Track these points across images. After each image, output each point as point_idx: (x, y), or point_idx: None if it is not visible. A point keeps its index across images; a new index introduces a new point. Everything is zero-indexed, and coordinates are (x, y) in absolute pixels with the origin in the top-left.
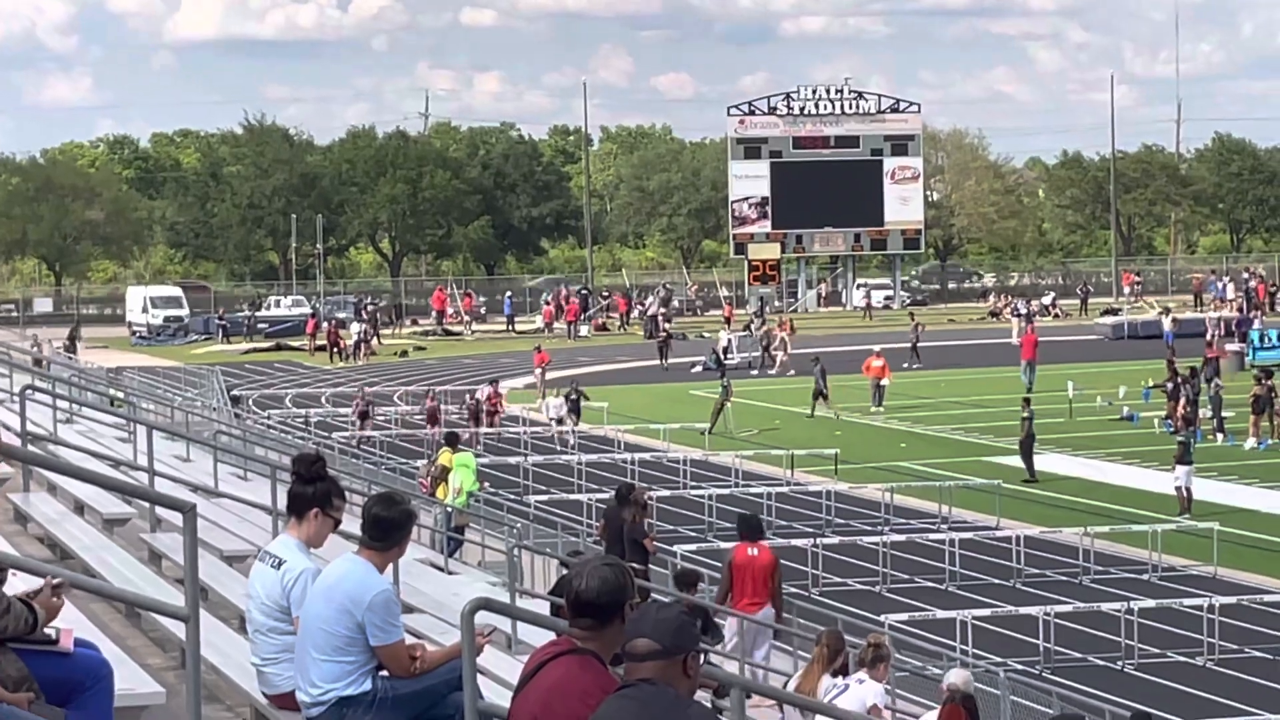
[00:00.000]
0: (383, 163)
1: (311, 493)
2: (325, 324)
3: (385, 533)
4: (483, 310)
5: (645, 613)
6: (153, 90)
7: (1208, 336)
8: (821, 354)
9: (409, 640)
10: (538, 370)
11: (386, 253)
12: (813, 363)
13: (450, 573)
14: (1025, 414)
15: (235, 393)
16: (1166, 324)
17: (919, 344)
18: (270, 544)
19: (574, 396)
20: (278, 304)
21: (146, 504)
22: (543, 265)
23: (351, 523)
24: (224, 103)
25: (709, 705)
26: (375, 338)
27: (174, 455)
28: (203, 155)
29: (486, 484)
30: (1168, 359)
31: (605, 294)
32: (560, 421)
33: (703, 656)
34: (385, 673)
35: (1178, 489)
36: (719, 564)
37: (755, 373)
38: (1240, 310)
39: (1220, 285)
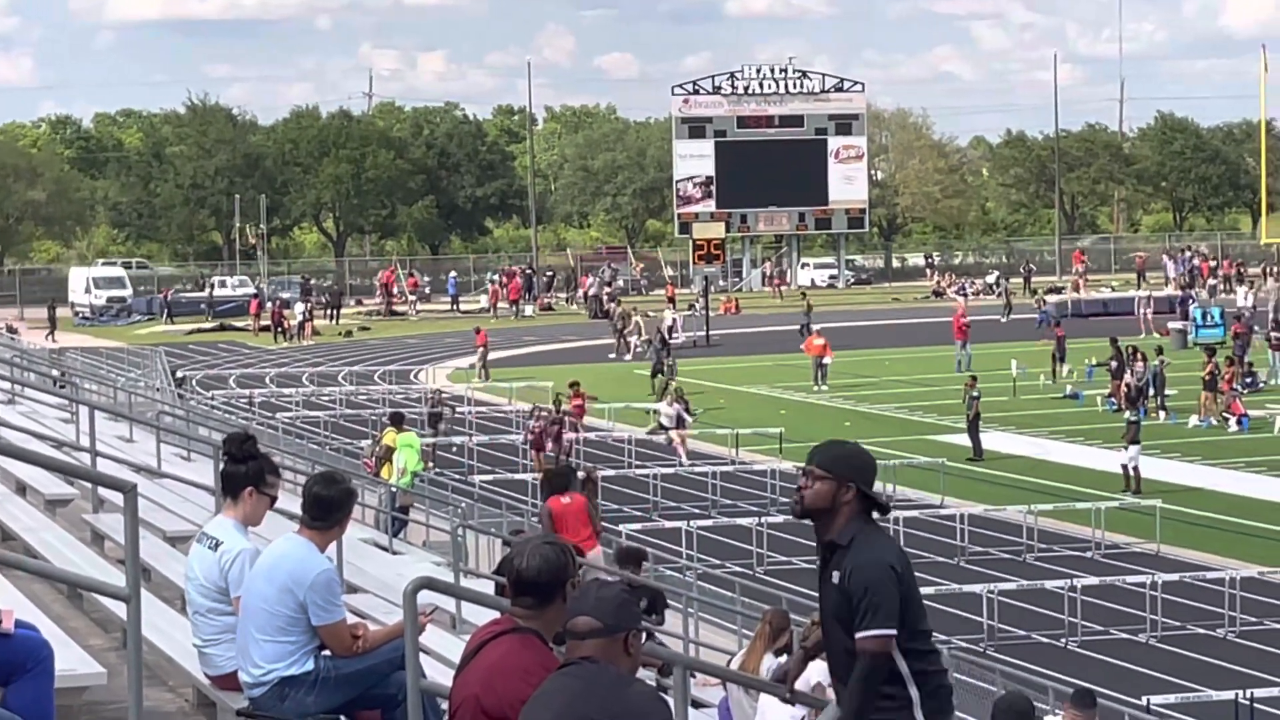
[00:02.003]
0: (326, 143)
1: (244, 471)
2: (269, 304)
3: (326, 512)
4: (427, 290)
5: (586, 591)
6: (95, 70)
7: (1136, 315)
8: (767, 332)
9: (351, 620)
10: (479, 350)
11: (331, 233)
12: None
13: (394, 553)
14: (974, 393)
15: (179, 373)
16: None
17: (810, 325)
18: (207, 525)
19: (683, 397)
20: (222, 284)
21: (89, 484)
22: (487, 245)
23: (293, 502)
24: (167, 82)
25: (653, 684)
26: (336, 317)
27: (117, 436)
28: (145, 135)
29: (431, 464)
30: (1112, 337)
31: (549, 272)
32: (679, 422)
33: (644, 635)
34: (327, 652)
35: (1124, 466)
36: (666, 543)
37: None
38: (1183, 288)
39: (1186, 258)
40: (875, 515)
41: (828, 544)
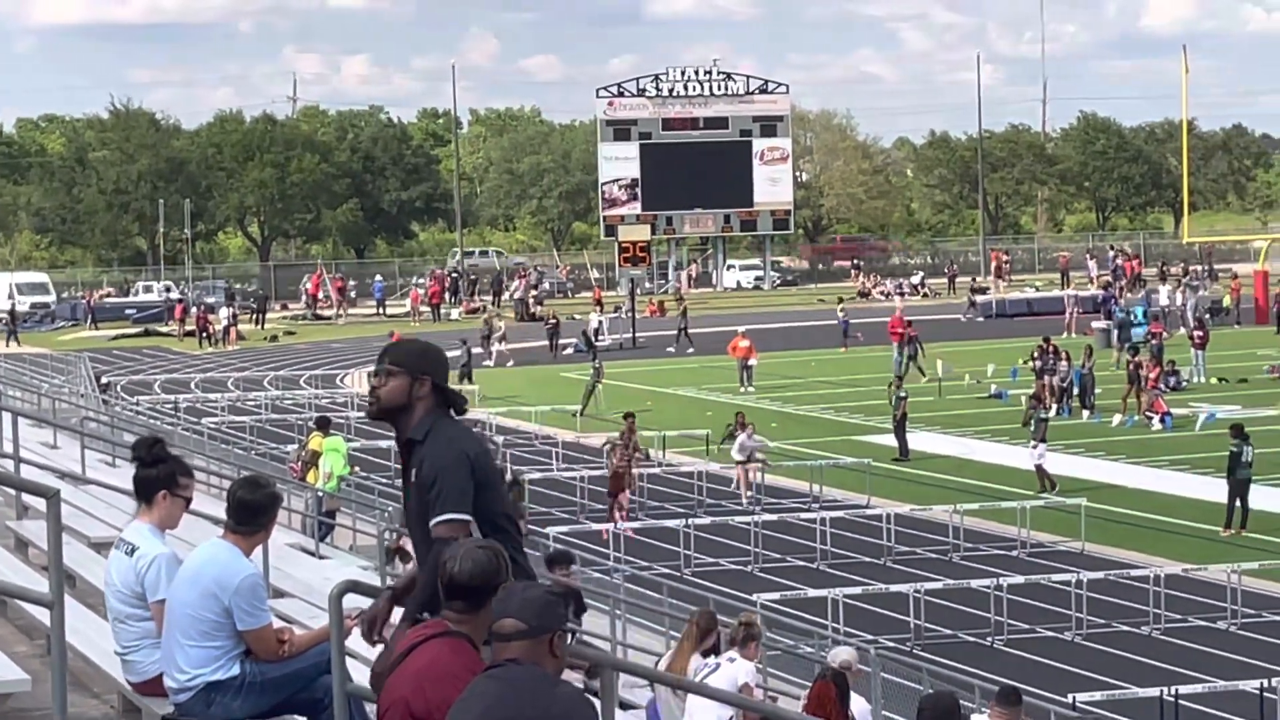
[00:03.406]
0: (250, 147)
1: (156, 475)
2: (194, 309)
3: (251, 516)
4: (353, 294)
5: (511, 593)
6: (16, 75)
7: (1066, 314)
8: (693, 334)
9: (277, 624)
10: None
11: (255, 237)
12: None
13: (321, 557)
14: (901, 393)
15: (104, 379)
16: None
17: (687, 329)
18: (124, 531)
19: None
20: (147, 289)
21: (12, 491)
22: (413, 249)
23: (218, 507)
24: (89, 87)
25: (581, 685)
26: (261, 321)
27: (40, 442)
28: (68, 140)
29: (357, 468)
30: (1045, 337)
31: (473, 276)
32: (749, 459)
33: (570, 636)
34: (253, 657)
35: (1038, 467)
36: (593, 545)
37: (672, 350)
38: (1105, 288)
39: (1110, 258)
40: (454, 414)
41: (406, 443)
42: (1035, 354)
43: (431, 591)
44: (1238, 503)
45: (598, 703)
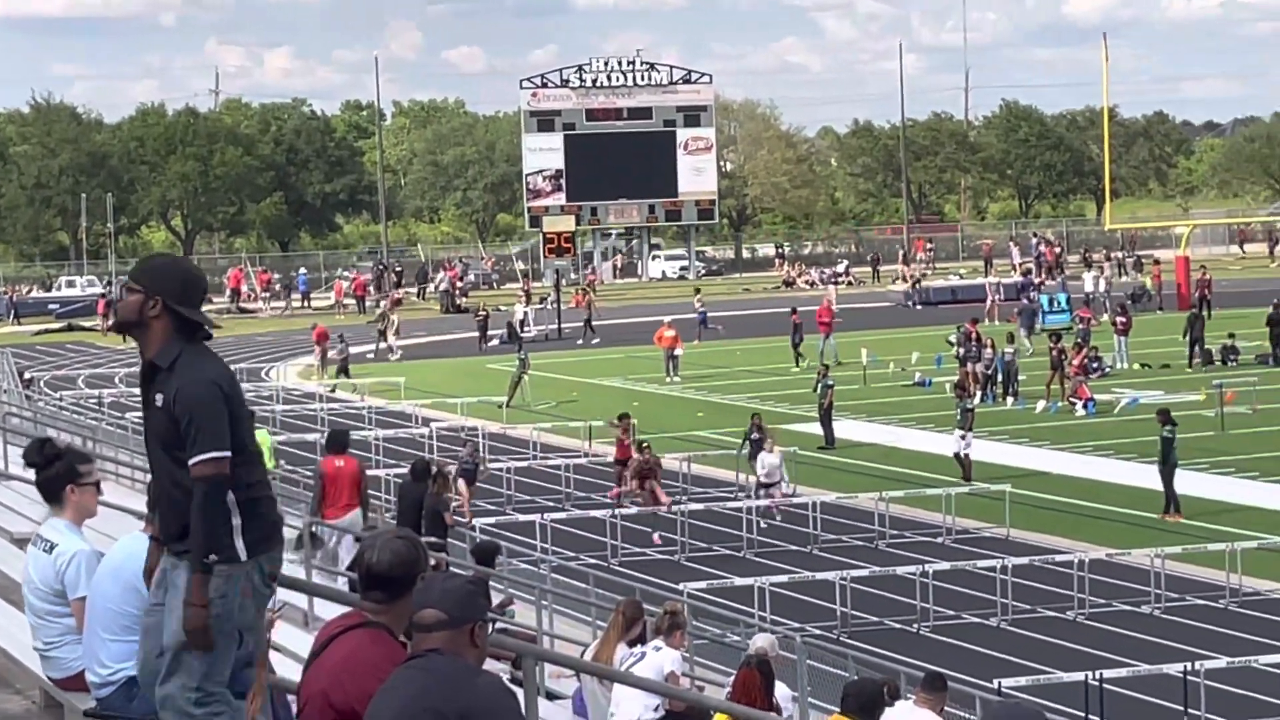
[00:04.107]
0: (173, 140)
1: (55, 473)
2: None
3: None
4: (277, 287)
5: (431, 583)
6: None
7: (986, 302)
8: (618, 324)
9: None
10: (317, 348)
11: (179, 231)
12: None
13: None
14: (827, 382)
15: (27, 374)
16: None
17: (592, 320)
18: (41, 528)
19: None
20: (70, 284)
21: None
22: (337, 241)
23: (140, 500)
24: (9, 81)
25: (508, 676)
26: None
27: None
28: None
29: (282, 462)
30: (974, 318)
31: (399, 268)
32: (768, 482)
33: (492, 626)
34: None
35: (959, 455)
36: (520, 536)
37: (580, 342)
38: (1025, 275)
39: (1034, 245)
40: (202, 339)
41: (149, 364)
42: (960, 335)
43: (204, 536)
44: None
45: (521, 693)
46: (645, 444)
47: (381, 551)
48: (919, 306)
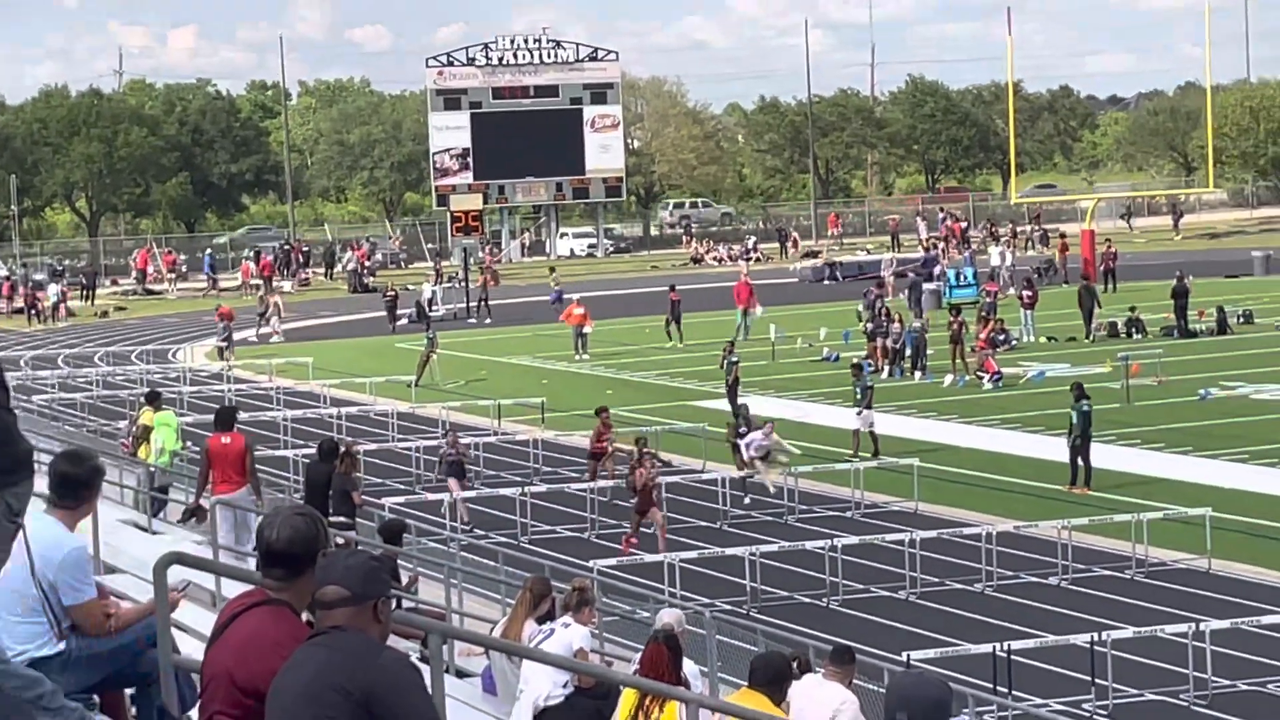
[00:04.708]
0: (76, 121)
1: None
2: (21, 286)
3: (73, 490)
4: (184, 268)
5: (334, 560)
6: None
7: (883, 278)
8: (527, 302)
9: (103, 598)
10: (220, 327)
11: (84, 212)
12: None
13: (154, 533)
14: (732, 358)
15: None
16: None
17: (487, 300)
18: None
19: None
20: None
21: None
22: (244, 221)
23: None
24: None
25: (418, 655)
26: (91, 297)
27: None
28: None
29: (189, 443)
30: (878, 296)
31: (305, 247)
32: (765, 457)
33: (397, 603)
34: (79, 632)
35: (860, 432)
36: (430, 515)
37: (474, 321)
38: (927, 250)
39: (940, 222)
40: None
41: None
42: (867, 304)
43: None
44: (1080, 460)
45: (426, 669)
46: (646, 448)
47: (281, 529)
48: (827, 282)
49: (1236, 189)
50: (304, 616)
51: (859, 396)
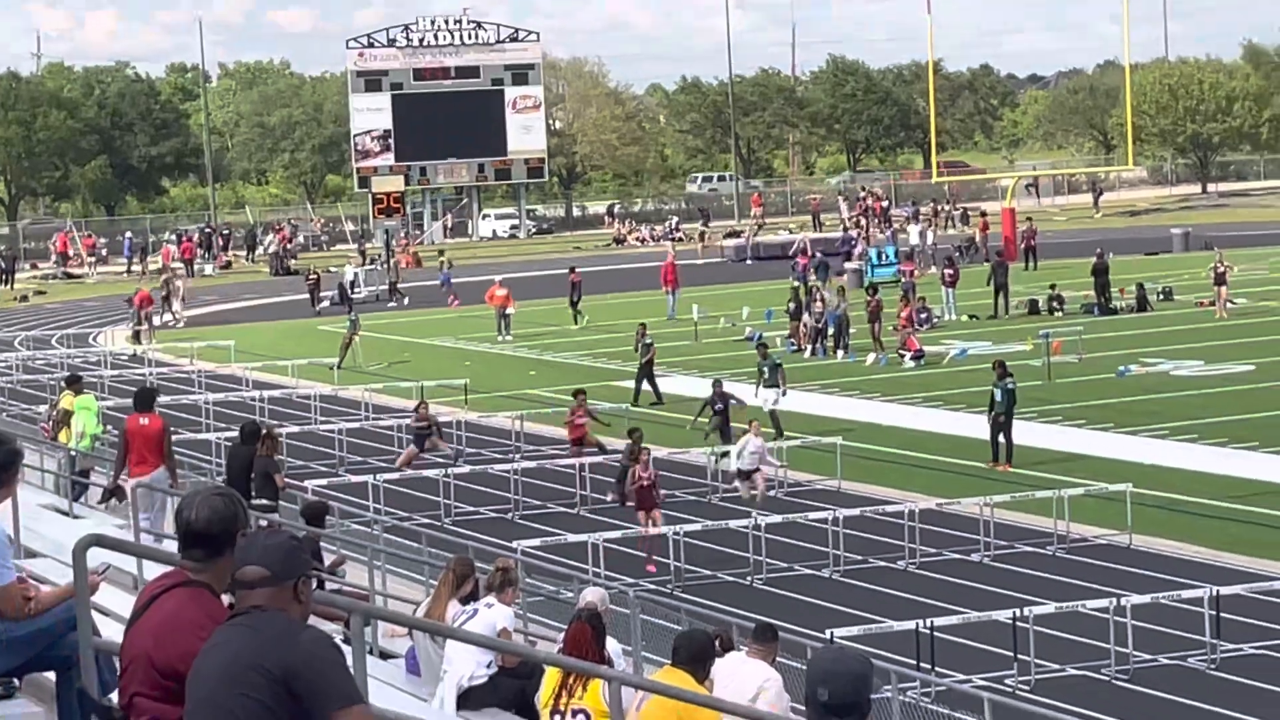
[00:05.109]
0: None
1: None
2: None
3: None
4: (104, 251)
5: (253, 540)
6: None
7: (799, 251)
8: (457, 285)
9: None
10: (138, 312)
11: (2, 196)
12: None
13: (75, 516)
14: (646, 339)
15: None
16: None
17: (398, 284)
18: None
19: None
20: None
21: None
22: (164, 205)
23: None
24: None
25: (341, 637)
26: (10, 281)
27: None
28: None
29: (110, 427)
30: (801, 277)
31: (225, 230)
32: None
33: (317, 582)
34: None
35: (772, 411)
36: (353, 497)
37: (394, 305)
38: (846, 229)
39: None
40: None
41: None
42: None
43: None
44: (1001, 438)
45: (348, 649)
46: (639, 440)
47: (200, 509)
48: (750, 261)
49: (1155, 167)
50: (225, 600)
51: (765, 376)
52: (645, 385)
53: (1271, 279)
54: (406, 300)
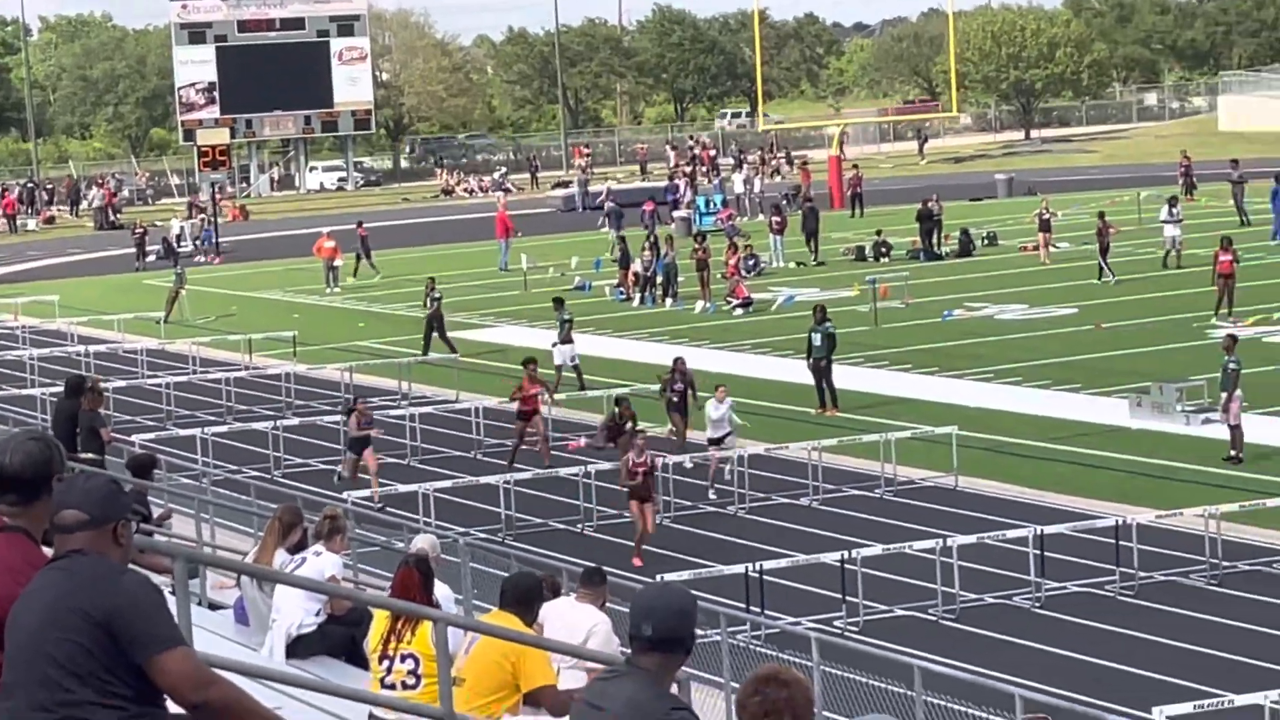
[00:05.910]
0: None
1: None
2: None
3: None
4: None
5: (72, 484)
6: None
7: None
8: (277, 237)
9: None
10: None
11: None
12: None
13: None
14: (435, 294)
15: None
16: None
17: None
18: None
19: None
20: None
21: None
22: None
23: None
24: None
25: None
26: None
27: None
28: None
29: None
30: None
31: (49, 186)
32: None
33: (135, 523)
34: None
35: (561, 367)
36: (182, 450)
37: (201, 260)
38: (670, 178)
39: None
40: None
41: None
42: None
43: None
44: (824, 383)
45: (174, 599)
46: (634, 426)
47: (14, 454)
48: (584, 210)
49: (980, 114)
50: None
51: (560, 330)
52: (436, 338)
53: (1094, 224)
54: (202, 259)
